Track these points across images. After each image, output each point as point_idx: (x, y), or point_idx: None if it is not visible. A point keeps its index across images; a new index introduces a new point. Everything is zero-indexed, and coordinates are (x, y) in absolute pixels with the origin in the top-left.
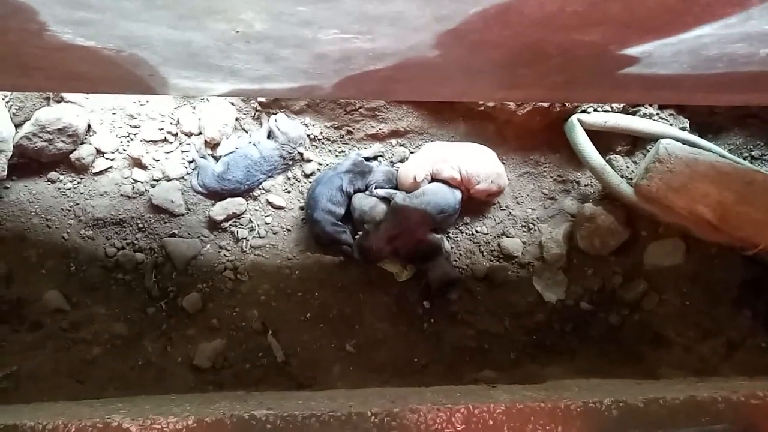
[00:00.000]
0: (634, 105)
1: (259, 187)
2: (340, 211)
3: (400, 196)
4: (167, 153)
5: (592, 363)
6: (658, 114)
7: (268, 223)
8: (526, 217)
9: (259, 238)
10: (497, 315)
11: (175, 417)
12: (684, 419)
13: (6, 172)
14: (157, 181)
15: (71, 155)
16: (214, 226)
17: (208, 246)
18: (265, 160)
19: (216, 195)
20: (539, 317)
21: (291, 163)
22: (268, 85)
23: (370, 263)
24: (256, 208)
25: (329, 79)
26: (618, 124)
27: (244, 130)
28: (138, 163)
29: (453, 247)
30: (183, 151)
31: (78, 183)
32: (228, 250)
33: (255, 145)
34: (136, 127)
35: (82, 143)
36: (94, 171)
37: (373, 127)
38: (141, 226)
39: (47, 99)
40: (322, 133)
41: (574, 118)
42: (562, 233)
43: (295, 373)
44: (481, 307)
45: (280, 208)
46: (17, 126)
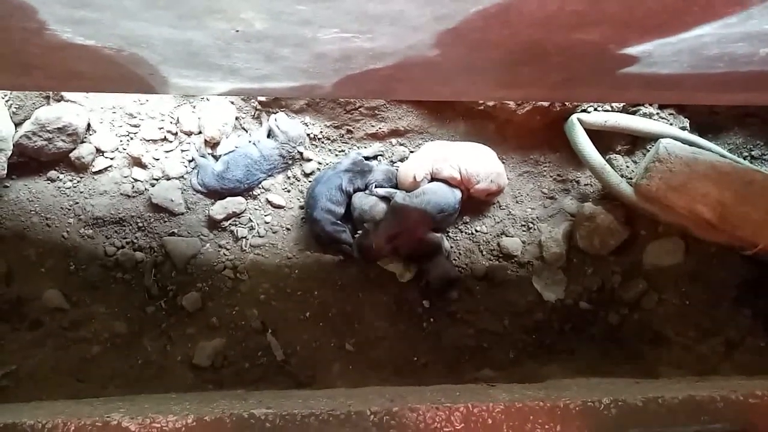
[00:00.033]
0: (634, 104)
1: (259, 186)
2: (340, 210)
3: (400, 196)
4: (167, 152)
5: (591, 362)
6: (658, 113)
7: (267, 222)
8: (526, 216)
9: (259, 237)
10: (497, 314)
11: (175, 416)
12: (683, 418)
13: (6, 171)
14: (156, 180)
15: (71, 154)
16: (213, 225)
17: (208, 245)
18: (264, 159)
19: (216, 194)
20: (539, 316)
21: (291, 162)
22: (268, 84)
23: (369, 262)
24: (256, 207)
25: (329, 78)
26: (618, 123)
27: (244, 129)
28: (138, 162)
29: (452, 247)
30: (183, 150)
31: (78, 182)
32: (228, 249)
33: (255, 144)
34: (136, 126)
35: (82, 142)
36: (94, 170)
37: (373, 126)
38: (141, 225)
39: (47, 98)
40: (322, 132)
41: (574, 118)
42: (562, 232)
43: (295, 372)
44: (480, 306)
45: (279, 207)
46: (17, 125)
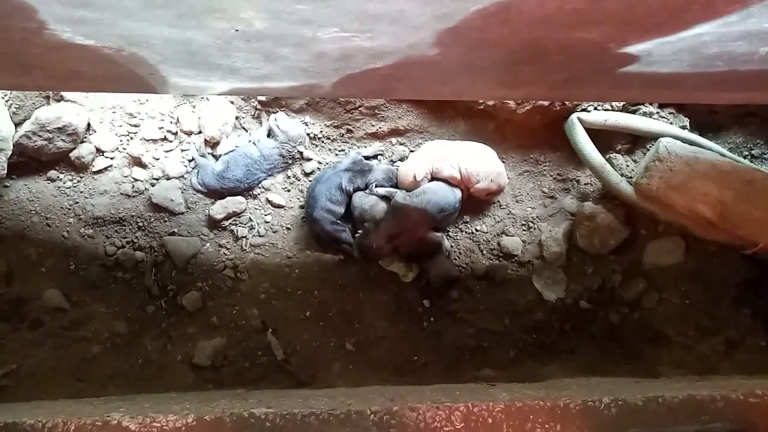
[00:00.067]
0: (634, 103)
1: (259, 185)
2: (340, 209)
3: (400, 195)
4: (167, 152)
5: (591, 362)
6: (658, 112)
7: (267, 222)
8: (526, 215)
9: (259, 236)
10: (497, 313)
11: (175, 415)
12: (683, 418)
13: (6, 171)
14: (156, 179)
15: (71, 154)
16: (213, 224)
17: (208, 245)
18: (264, 159)
19: (216, 194)
20: (539, 316)
21: (291, 161)
22: (268, 84)
23: (370, 262)
24: (256, 206)
25: (329, 77)
26: (618, 122)
27: (244, 129)
28: (138, 162)
29: (453, 246)
30: (183, 150)
31: (78, 182)
32: (228, 249)
33: (255, 143)
34: (135, 125)
35: (82, 142)
36: (94, 170)
37: (373, 125)
38: (141, 224)
39: (47, 98)
40: (322, 131)
41: (574, 117)
42: (562, 232)
43: (295, 371)
44: (480, 305)
45: (279, 206)
46: (17, 125)
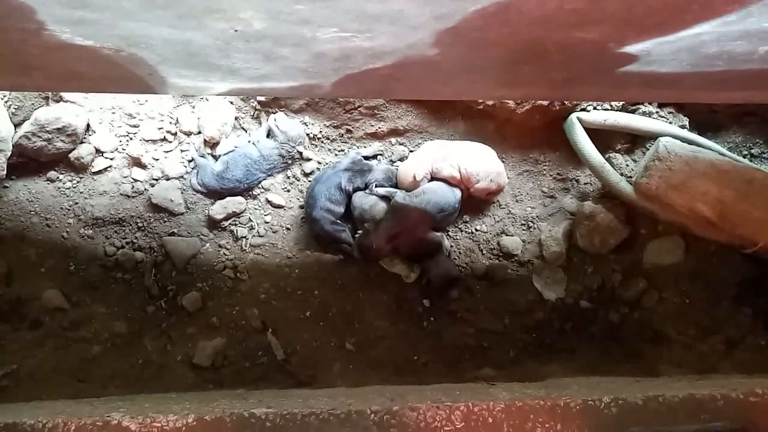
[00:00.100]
0: (634, 103)
1: (259, 186)
2: (340, 209)
3: (400, 195)
4: (166, 152)
5: (591, 361)
6: (657, 112)
7: (267, 222)
8: (526, 215)
9: (259, 236)
10: (497, 313)
11: (175, 415)
12: (683, 417)
13: (5, 172)
14: (156, 180)
15: (70, 154)
16: (213, 225)
17: (208, 245)
18: (264, 159)
19: (215, 194)
20: (539, 315)
21: (290, 161)
22: (268, 84)
23: (370, 262)
24: (256, 206)
25: (328, 77)
26: (617, 122)
27: (244, 129)
28: (137, 163)
29: (452, 246)
30: (182, 150)
31: (77, 182)
32: (227, 249)
33: (254, 144)
34: (135, 126)
35: (82, 142)
36: (94, 170)
37: (372, 125)
38: (140, 225)
39: (46, 98)
40: (321, 131)
41: (574, 117)
42: (562, 231)
43: (295, 371)
44: (480, 305)
45: (279, 206)
46: (16, 125)
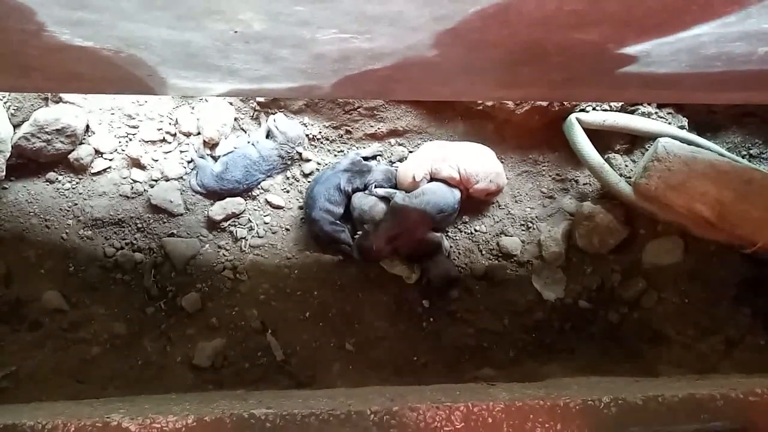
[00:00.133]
0: (633, 103)
1: (258, 186)
2: (339, 210)
3: (399, 196)
4: (166, 153)
5: (591, 361)
6: (656, 112)
7: (267, 223)
8: (525, 215)
9: (258, 237)
10: (496, 313)
11: (175, 416)
12: (683, 417)
13: (4, 173)
14: (155, 181)
15: (70, 155)
16: (213, 225)
17: (207, 246)
18: (263, 160)
19: (215, 195)
20: (538, 316)
21: (290, 162)
22: (267, 85)
23: (370, 263)
24: (255, 207)
25: (328, 78)
26: (616, 122)
27: (243, 130)
28: (137, 164)
29: (452, 246)
30: (182, 151)
31: (77, 183)
32: (227, 250)
33: (254, 144)
34: (134, 127)
35: (81, 143)
36: (93, 171)
37: (371, 126)
38: (140, 226)
39: (45, 99)
40: (320, 132)
41: (573, 117)
42: (561, 232)
43: (295, 372)
44: (480, 305)
45: (278, 207)
46: (15, 126)
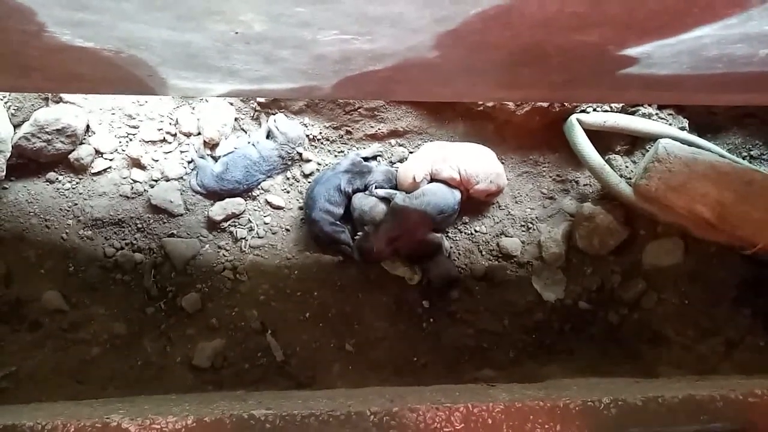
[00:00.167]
0: (634, 105)
1: (258, 187)
2: (339, 210)
3: (399, 197)
4: (166, 153)
5: (591, 362)
6: (657, 114)
7: (267, 223)
8: (525, 216)
9: (258, 238)
10: (496, 314)
11: (175, 417)
12: (683, 418)
13: (5, 173)
14: (156, 181)
15: (70, 155)
16: (213, 226)
17: (207, 246)
18: (264, 160)
19: (215, 195)
20: (538, 316)
21: (290, 163)
22: (267, 86)
23: (370, 264)
24: (255, 208)
25: (328, 79)
26: (617, 123)
27: (243, 131)
28: (137, 164)
29: (452, 247)
30: (182, 152)
31: (77, 183)
32: (227, 250)
33: (254, 145)
34: (135, 127)
35: (81, 143)
36: (93, 171)
37: (372, 127)
38: (140, 226)
39: (46, 99)
40: (321, 133)
41: (573, 118)
42: (561, 233)
43: (295, 372)
44: (480, 306)
45: (279, 208)
46: (16, 126)
